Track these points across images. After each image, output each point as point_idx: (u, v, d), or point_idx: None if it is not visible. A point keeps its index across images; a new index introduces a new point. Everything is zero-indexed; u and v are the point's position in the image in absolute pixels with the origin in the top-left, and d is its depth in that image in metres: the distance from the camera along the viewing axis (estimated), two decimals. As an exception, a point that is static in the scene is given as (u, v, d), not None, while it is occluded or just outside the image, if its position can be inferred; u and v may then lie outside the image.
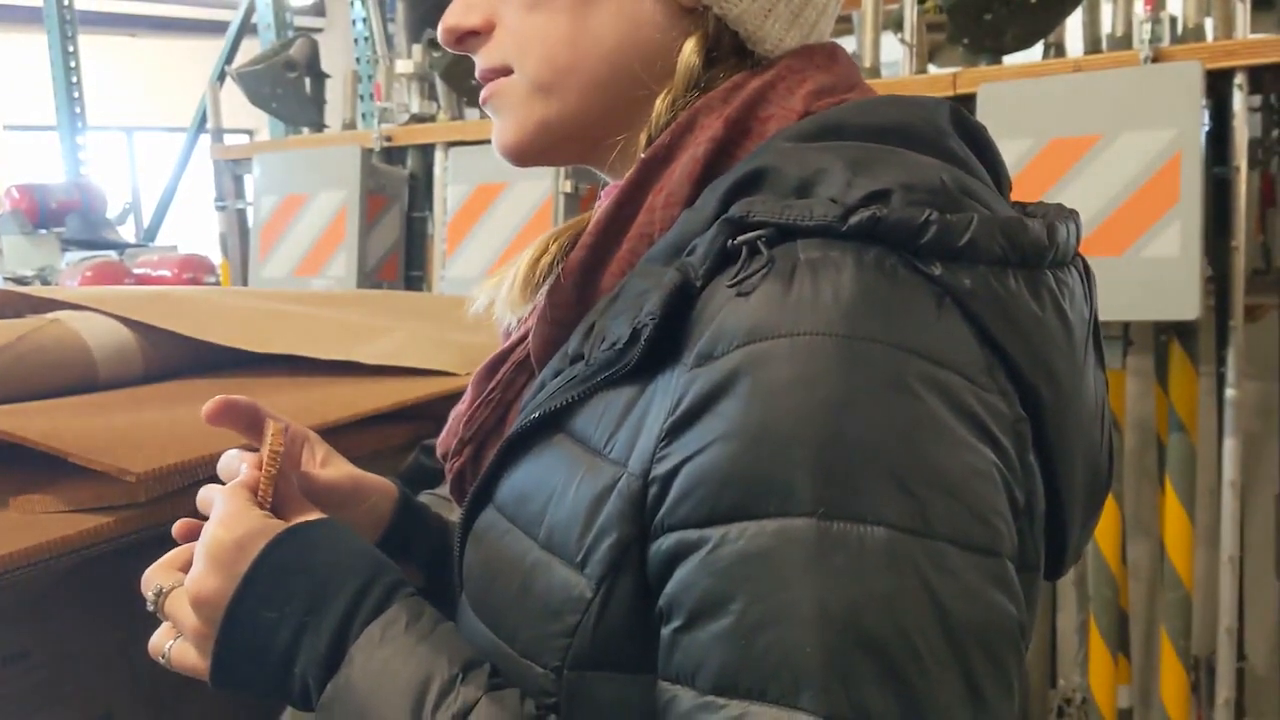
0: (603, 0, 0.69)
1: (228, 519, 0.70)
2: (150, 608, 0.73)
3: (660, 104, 0.69)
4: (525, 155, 0.75)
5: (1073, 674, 2.40)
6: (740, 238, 0.60)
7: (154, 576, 0.74)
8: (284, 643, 0.67)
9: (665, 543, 0.57)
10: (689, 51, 0.69)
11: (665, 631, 0.57)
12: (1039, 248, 0.62)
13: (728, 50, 0.70)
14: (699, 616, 0.55)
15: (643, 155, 0.68)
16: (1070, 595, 2.41)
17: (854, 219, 0.58)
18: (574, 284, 0.69)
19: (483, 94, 0.76)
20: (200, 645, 0.70)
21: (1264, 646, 2.46)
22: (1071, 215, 0.68)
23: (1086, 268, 0.70)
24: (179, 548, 0.76)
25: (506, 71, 0.73)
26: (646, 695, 0.58)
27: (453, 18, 0.74)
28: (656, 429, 0.58)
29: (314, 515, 0.73)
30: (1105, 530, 2.30)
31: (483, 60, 0.74)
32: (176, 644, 0.73)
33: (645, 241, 0.67)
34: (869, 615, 0.52)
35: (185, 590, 0.71)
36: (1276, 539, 2.40)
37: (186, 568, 0.72)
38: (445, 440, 0.78)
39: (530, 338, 0.72)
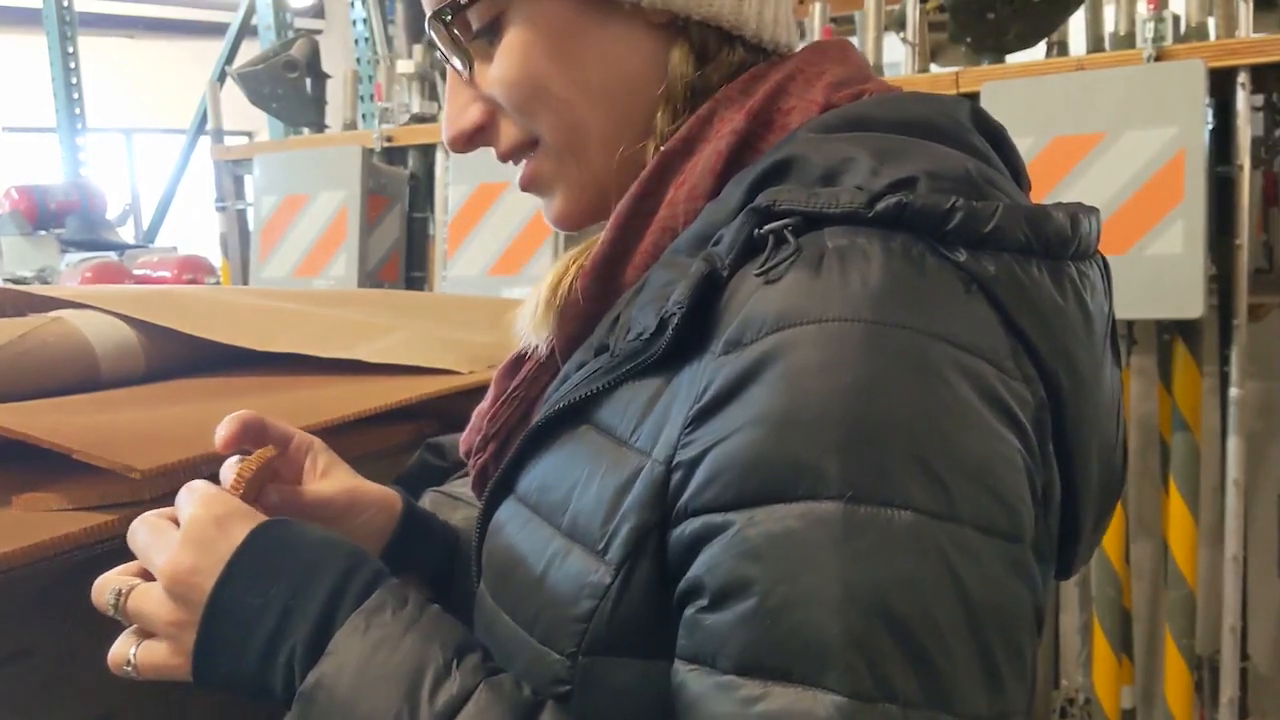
0: (580, 52, 0.70)
1: (206, 499, 0.69)
2: (111, 611, 0.70)
3: (661, 118, 0.70)
4: (578, 219, 0.76)
5: (1076, 674, 2.40)
6: (767, 226, 0.60)
7: (108, 582, 0.70)
8: (268, 629, 0.65)
9: (689, 527, 0.57)
10: (678, 61, 0.70)
11: (687, 613, 0.57)
12: (1062, 238, 0.62)
13: (715, 47, 0.71)
14: (724, 598, 0.55)
15: (661, 148, 0.69)
16: (1073, 595, 2.41)
17: (880, 205, 0.58)
18: (597, 278, 0.69)
19: (522, 180, 0.76)
20: (176, 638, 0.67)
21: (1268, 646, 2.46)
22: (1093, 211, 0.68)
23: (1106, 264, 0.70)
24: (130, 563, 0.72)
25: (533, 143, 0.74)
26: (661, 681, 0.58)
27: (454, 127, 0.75)
28: (682, 417, 0.58)
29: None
30: (1109, 529, 2.29)
31: (504, 142, 0.75)
32: (143, 646, 0.69)
33: (668, 235, 0.68)
34: (894, 597, 0.52)
35: (158, 581, 0.67)
36: (1280, 538, 2.40)
37: (140, 574, 0.70)
38: (469, 437, 0.78)
39: (554, 332, 0.72)
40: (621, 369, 0.62)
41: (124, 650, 0.69)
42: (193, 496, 0.70)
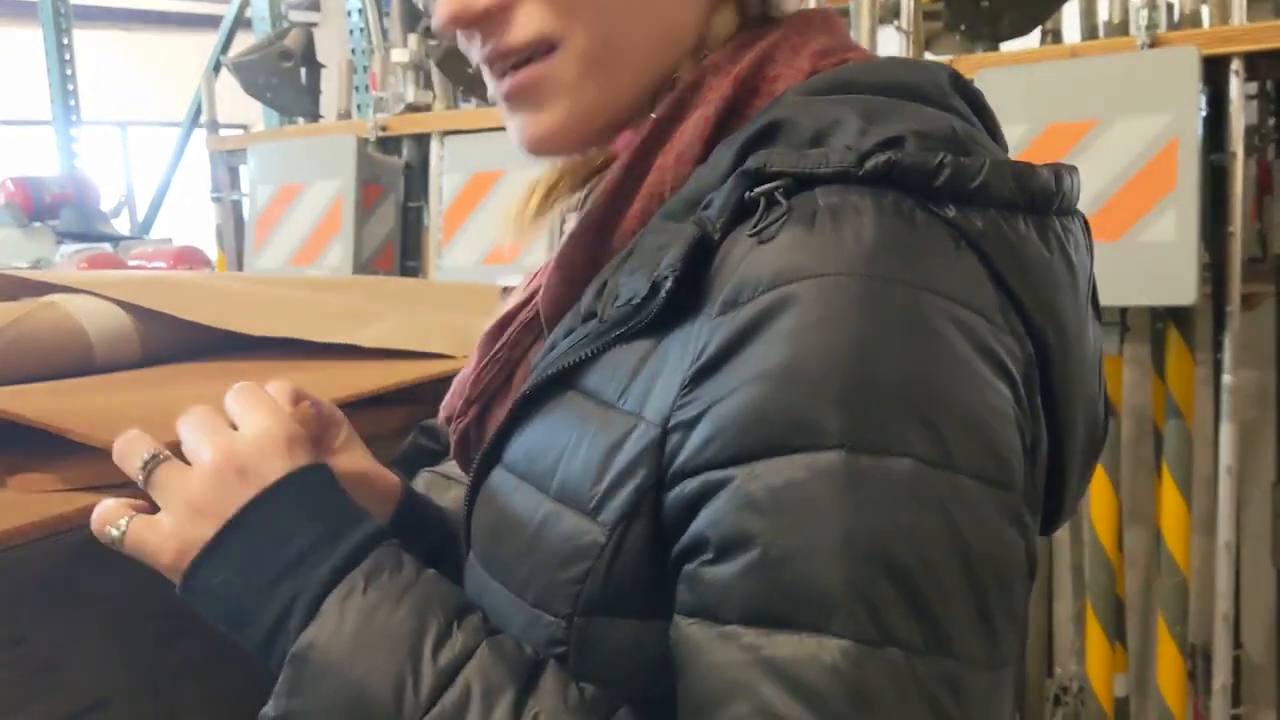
0: None
1: (283, 418, 0.70)
2: (136, 470, 0.69)
3: (685, 69, 0.70)
4: (565, 144, 0.72)
5: (1069, 662, 2.41)
6: (758, 189, 0.60)
7: (142, 444, 0.69)
8: (288, 558, 0.65)
9: (689, 486, 0.57)
10: (726, 23, 0.70)
11: (688, 568, 0.57)
12: (1047, 193, 0.63)
13: (755, 19, 0.71)
14: (726, 550, 0.55)
15: (653, 115, 0.69)
16: (1067, 583, 2.42)
17: (870, 163, 0.59)
18: (585, 243, 0.69)
19: (516, 84, 0.69)
20: (188, 524, 0.66)
21: (1260, 634, 2.47)
22: (1073, 169, 0.69)
23: (1086, 221, 0.71)
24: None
25: (547, 47, 0.67)
26: (656, 639, 0.59)
27: (459, 2, 0.67)
28: (678, 379, 0.58)
29: None
30: (1102, 517, 2.30)
31: (515, 33, 0.67)
32: (142, 519, 0.68)
33: (657, 200, 0.68)
34: (895, 545, 0.53)
35: (206, 461, 0.67)
36: (1273, 526, 2.41)
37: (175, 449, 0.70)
38: (450, 402, 0.78)
39: (540, 297, 0.72)
40: (609, 335, 0.63)
41: (114, 515, 0.69)
42: (274, 412, 0.71)
